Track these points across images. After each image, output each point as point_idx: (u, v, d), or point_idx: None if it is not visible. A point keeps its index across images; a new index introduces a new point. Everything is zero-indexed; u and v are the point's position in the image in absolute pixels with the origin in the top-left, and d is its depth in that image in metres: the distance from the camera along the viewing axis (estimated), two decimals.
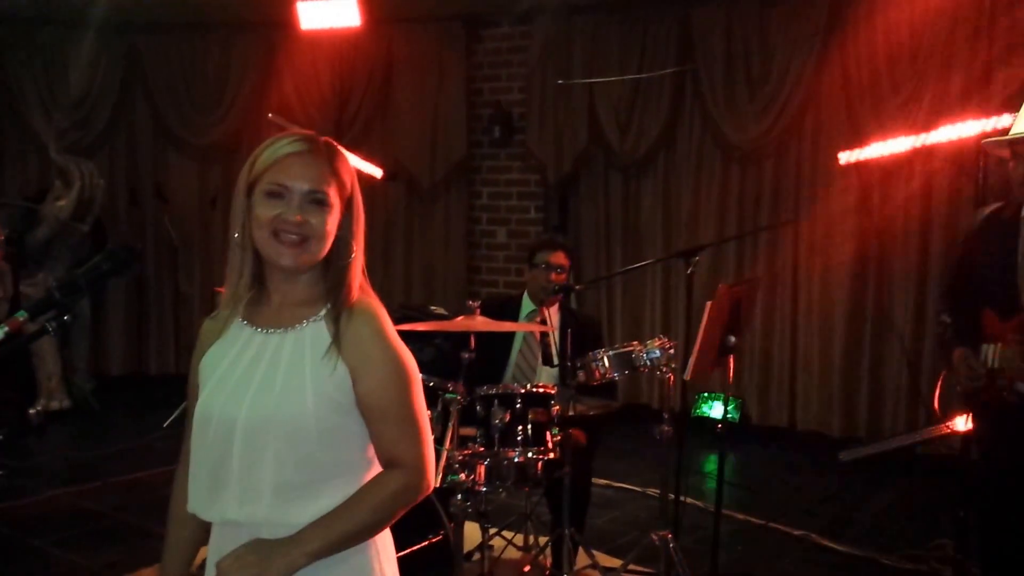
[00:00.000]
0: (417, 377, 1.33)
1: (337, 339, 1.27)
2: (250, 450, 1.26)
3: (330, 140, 1.35)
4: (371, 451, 1.32)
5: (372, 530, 1.29)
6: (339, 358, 1.27)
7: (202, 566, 1.36)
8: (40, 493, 3.95)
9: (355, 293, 1.33)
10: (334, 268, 1.32)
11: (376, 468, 1.32)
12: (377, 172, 5.36)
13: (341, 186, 1.31)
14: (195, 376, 1.37)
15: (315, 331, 1.29)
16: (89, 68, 5.69)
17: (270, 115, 4.91)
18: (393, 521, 1.32)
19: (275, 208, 1.27)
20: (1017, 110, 2.73)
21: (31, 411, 5.09)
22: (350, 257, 1.32)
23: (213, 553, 1.33)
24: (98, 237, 5.43)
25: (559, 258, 3.22)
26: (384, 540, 1.36)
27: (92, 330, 5.74)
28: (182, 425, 1.46)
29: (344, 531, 1.24)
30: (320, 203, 1.28)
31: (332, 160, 1.30)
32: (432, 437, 1.34)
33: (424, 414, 1.33)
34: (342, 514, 1.25)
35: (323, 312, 1.31)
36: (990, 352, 2.31)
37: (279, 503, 1.25)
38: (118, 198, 5.95)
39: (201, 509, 1.32)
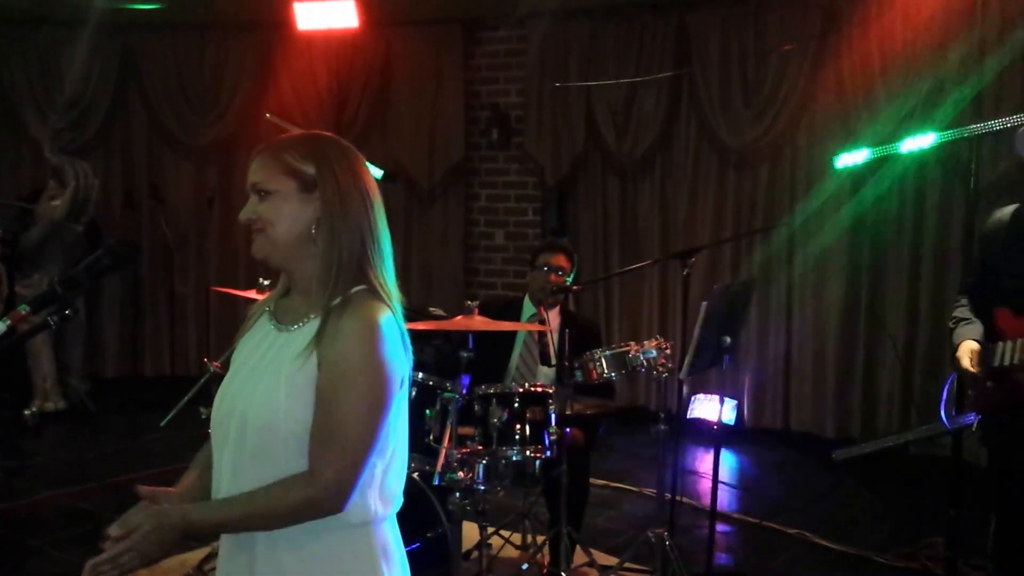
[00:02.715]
0: (384, 398, 1.25)
1: (321, 333, 1.26)
2: (240, 443, 1.29)
3: (287, 133, 1.37)
4: None
5: (262, 528, 1.26)
6: (315, 351, 1.25)
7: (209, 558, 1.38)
8: (36, 494, 3.93)
9: (340, 281, 1.28)
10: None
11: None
12: (378, 172, 5.36)
13: (292, 172, 1.30)
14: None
15: (310, 329, 1.29)
16: (84, 68, 5.66)
17: (267, 115, 4.91)
18: (286, 526, 1.26)
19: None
20: (1008, 113, 2.74)
21: (26, 412, 5.07)
22: (328, 244, 1.29)
23: (224, 539, 1.36)
24: (93, 238, 5.41)
25: (560, 260, 3.25)
26: (387, 538, 1.34)
27: (87, 331, 5.72)
28: (179, 424, 1.50)
29: (230, 520, 1.25)
30: (261, 193, 1.31)
31: (280, 151, 1.31)
32: (367, 462, 1.24)
33: (371, 437, 1.24)
34: (237, 505, 1.25)
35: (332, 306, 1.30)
36: (1008, 349, 2.22)
37: None
38: (113, 199, 5.93)
39: (214, 494, 1.36)
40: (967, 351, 2.32)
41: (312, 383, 1.25)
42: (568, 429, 2.75)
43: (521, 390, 2.69)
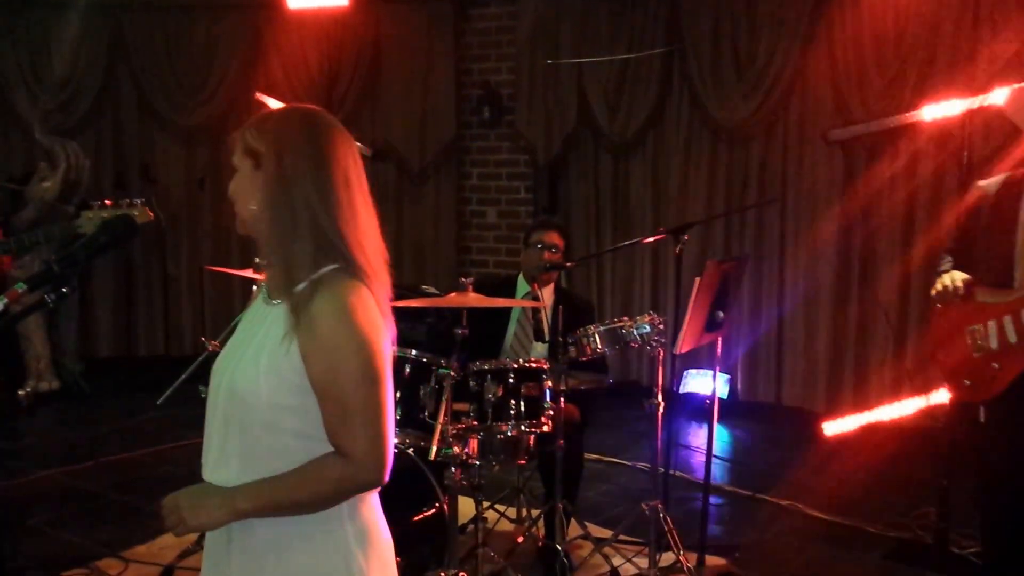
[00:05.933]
0: (380, 368, 1.25)
1: (296, 315, 1.25)
2: (225, 417, 1.31)
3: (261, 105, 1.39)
4: None
5: (307, 508, 1.27)
6: (294, 337, 1.25)
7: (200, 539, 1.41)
8: (32, 473, 3.94)
9: (299, 262, 1.26)
10: None
11: None
12: (366, 150, 5.34)
13: (248, 150, 1.30)
14: None
15: (283, 309, 1.30)
16: (74, 48, 5.61)
17: (257, 94, 4.86)
18: (336, 503, 1.28)
19: None
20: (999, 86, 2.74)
21: (20, 392, 5.07)
22: (271, 222, 1.27)
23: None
24: None
25: (553, 238, 3.26)
26: (366, 523, 1.33)
27: (80, 312, 5.71)
28: (175, 404, 1.52)
29: (276, 501, 1.25)
30: (235, 170, 1.33)
31: (245, 128, 1.32)
32: (389, 430, 1.27)
33: (383, 406, 1.26)
34: (280, 484, 1.25)
35: (299, 288, 1.28)
36: (1008, 325, 2.17)
37: (243, 471, 1.28)
38: (104, 179, 5.88)
39: (204, 467, 1.37)
40: (959, 276, 2.28)
41: (298, 372, 1.25)
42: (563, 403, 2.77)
43: (516, 366, 2.71)
